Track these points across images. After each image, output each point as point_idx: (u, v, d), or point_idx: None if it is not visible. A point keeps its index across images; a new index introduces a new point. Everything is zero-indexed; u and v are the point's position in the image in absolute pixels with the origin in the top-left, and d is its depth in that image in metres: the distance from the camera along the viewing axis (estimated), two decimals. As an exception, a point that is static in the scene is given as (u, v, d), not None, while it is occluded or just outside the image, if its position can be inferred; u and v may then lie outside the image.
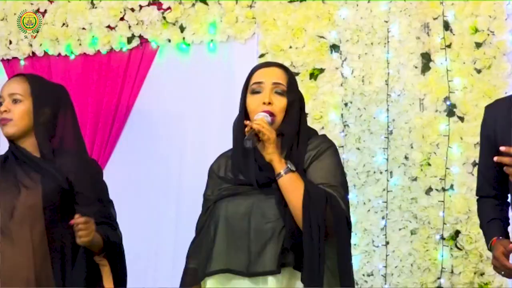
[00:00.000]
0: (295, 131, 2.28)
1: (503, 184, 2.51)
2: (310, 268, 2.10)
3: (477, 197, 2.71)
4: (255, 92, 2.29)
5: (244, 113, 2.32)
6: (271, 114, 2.25)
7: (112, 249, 2.65)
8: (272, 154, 2.18)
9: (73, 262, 2.57)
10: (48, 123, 2.66)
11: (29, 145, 2.64)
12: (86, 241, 2.43)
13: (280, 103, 2.26)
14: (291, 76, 2.34)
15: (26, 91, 2.64)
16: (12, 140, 2.64)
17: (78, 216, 2.40)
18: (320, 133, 3.58)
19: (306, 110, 3.61)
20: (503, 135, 2.40)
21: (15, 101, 2.63)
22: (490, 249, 2.51)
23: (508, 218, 2.62)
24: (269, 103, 2.25)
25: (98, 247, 2.56)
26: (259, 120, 2.20)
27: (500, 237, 2.45)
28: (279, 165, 2.18)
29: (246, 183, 2.24)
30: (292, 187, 2.15)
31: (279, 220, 2.16)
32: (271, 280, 2.14)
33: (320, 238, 2.10)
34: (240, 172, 2.28)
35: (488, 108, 2.58)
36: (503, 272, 2.38)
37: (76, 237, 2.42)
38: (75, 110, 2.77)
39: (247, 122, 2.20)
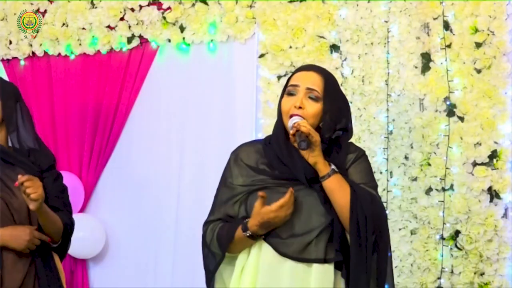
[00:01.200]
0: (327, 138, 2.28)
1: None
2: (357, 266, 2.16)
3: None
4: (290, 94, 2.30)
5: (280, 114, 2.33)
6: (301, 118, 2.25)
7: (68, 234, 2.67)
8: (317, 157, 2.21)
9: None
10: (13, 116, 2.71)
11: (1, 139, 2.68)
12: (38, 199, 2.39)
13: (312, 109, 2.26)
14: (328, 82, 2.32)
15: None
16: None
17: (21, 176, 2.38)
18: (320, 133, 3.62)
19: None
20: None
21: None
22: None
23: None
24: (300, 107, 2.26)
25: (57, 229, 2.59)
26: (304, 123, 2.21)
27: None
28: (324, 167, 2.21)
29: (290, 178, 2.25)
30: (338, 188, 2.20)
31: (325, 217, 2.21)
32: (315, 268, 2.18)
33: (368, 237, 2.17)
34: (283, 167, 2.27)
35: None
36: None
37: (28, 203, 2.40)
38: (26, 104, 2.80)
39: (295, 124, 2.20)
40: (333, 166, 2.22)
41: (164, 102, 4.02)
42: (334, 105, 2.30)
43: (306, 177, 2.22)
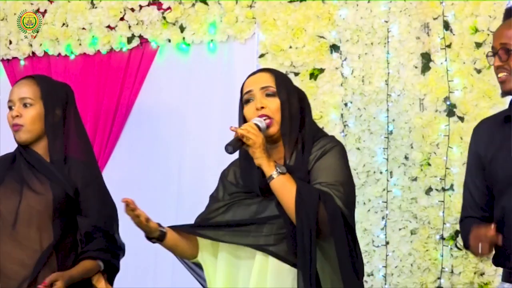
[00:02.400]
0: (294, 130, 2.27)
1: (490, 202, 2.37)
2: (303, 268, 2.11)
3: (460, 219, 2.49)
4: (248, 101, 2.31)
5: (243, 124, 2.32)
6: (267, 117, 2.25)
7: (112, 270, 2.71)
8: (260, 159, 2.19)
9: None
10: (58, 124, 2.66)
11: (40, 148, 2.63)
12: None
13: (272, 105, 2.27)
14: (279, 77, 2.33)
15: (36, 95, 2.63)
16: (25, 145, 2.63)
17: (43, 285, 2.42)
18: (320, 133, 3.62)
19: (306, 110, 3.63)
20: (488, 154, 2.34)
21: (26, 105, 2.61)
22: (466, 246, 2.40)
23: None
24: (262, 107, 2.27)
25: (93, 273, 2.63)
26: (247, 125, 2.21)
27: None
28: (268, 168, 2.19)
29: (252, 190, 2.27)
30: (283, 189, 2.17)
31: (279, 218, 2.20)
32: (272, 261, 2.18)
33: (311, 238, 2.10)
34: (245, 179, 2.31)
35: (474, 129, 2.49)
36: (481, 247, 2.21)
37: None
38: (77, 109, 2.78)
39: (232, 128, 2.21)
40: (277, 167, 2.19)
41: (164, 102, 4.02)
42: (290, 97, 2.29)
43: (260, 188, 2.22)
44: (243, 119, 2.33)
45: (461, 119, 3.45)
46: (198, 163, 3.91)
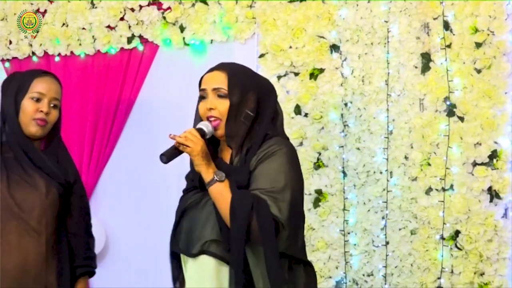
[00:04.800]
0: (239, 132, 2.28)
1: None
2: (233, 274, 2.16)
3: None
4: (202, 97, 2.34)
5: (199, 119, 2.37)
6: (216, 119, 2.28)
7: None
8: (199, 166, 2.25)
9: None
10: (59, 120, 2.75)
11: (39, 144, 2.67)
12: None
13: (222, 106, 2.28)
14: (233, 77, 2.32)
15: (60, 97, 2.69)
16: (28, 137, 2.65)
17: None
18: (320, 133, 3.62)
19: (306, 110, 3.63)
20: None
21: (54, 106, 2.65)
22: None
23: None
24: (211, 109, 2.29)
25: None
26: (187, 132, 2.26)
27: None
28: (207, 175, 2.24)
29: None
30: (218, 198, 2.21)
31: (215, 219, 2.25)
32: (207, 260, 2.23)
33: (239, 249, 2.14)
34: (194, 176, 2.38)
35: None
36: None
37: None
38: None
39: (171, 136, 2.27)
40: (217, 175, 2.21)
41: (164, 102, 4.02)
42: (243, 99, 2.29)
43: (202, 185, 2.28)
44: (198, 115, 2.38)
45: (461, 119, 3.45)
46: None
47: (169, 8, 3.95)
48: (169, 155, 2.23)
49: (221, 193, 2.20)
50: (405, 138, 3.53)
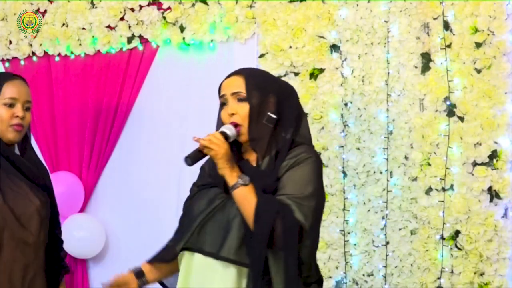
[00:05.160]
0: (264, 135, 2.26)
1: None
2: (253, 279, 2.14)
3: None
4: (223, 104, 2.33)
5: (220, 125, 2.35)
6: (236, 125, 2.26)
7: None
8: (222, 169, 2.22)
9: None
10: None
11: (16, 151, 2.62)
12: None
13: (242, 110, 2.26)
14: (250, 80, 2.30)
15: (31, 98, 2.63)
16: (6, 144, 2.58)
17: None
18: (320, 133, 3.62)
19: (306, 110, 3.63)
20: None
21: (27, 109, 2.60)
22: None
23: None
24: (232, 114, 2.27)
25: None
26: (211, 135, 2.24)
27: None
28: (231, 179, 2.21)
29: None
30: (243, 202, 2.18)
31: (240, 221, 2.22)
32: (220, 265, 2.20)
33: (261, 252, 2.13)
34: (214, 176, 2.32)
35: None
36: None
37: None
38: None
39: (195, 139, 2.24)
40: (241, 179, 2.19)
41: (164, 102, 4.02)
42: (262, 101, 2.28)
43: (225, 188, 2.24)
44: (220, 121, 2.35)
45: (461, 119, 3.45)
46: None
47: (169, 8, 3.95)
48: (193, 158, 2.21)
49: (246, 197, 2.18)
50: (405, 138, 3.53)
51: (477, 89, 3.42)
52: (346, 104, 3.63)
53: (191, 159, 2.22)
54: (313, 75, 3.67)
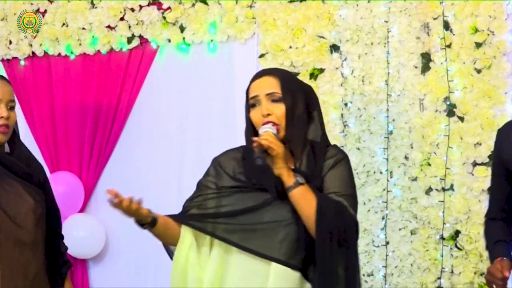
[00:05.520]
0: (300, 134, 2.27)
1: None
2: (322, 277, 2.14)
3: (485, 219, 2.67)
4: (254, 105, 2.30)
5: (251, 126, 2.32)
6: (274, 124, 2.24)
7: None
8: (281, 169, 2.19)
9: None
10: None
11: (3, 150, 2.59)
12: None
13: (278, 111, 2.25)
14: (284, 80, 2.30)
15: (14, 97, 2.60)
16: None
17: None
18: (320, 133, 3.62)
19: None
20: (509, 150, 2.41)
21: (11, 108, 2.57)
22: (487, 247, 2.55)
23: None
24: (268, 114, 2.25)
25: None
26: (267, 135, 2.18)
27: (504, 258, 2.45)
28: (288, 179, 2.19)
29: (264, 189, 2.26)
30: (303, 201, 2.18)
31: (293, 223, 2.20)
32: (275, 267, 2.18)
33: (332, 250, 2.14)
34: (257, 179, 2.27)
35: (499, 131, 2.57)
36: (494, 286, 2.41)
37: None
38: None
39: (255, 139, 2.18)
40: (298, 178, 2.19)
41: (164, 102, 4.02)
42: (295, 101, 2.28)
43: (277, 190, 2.21)
44: (250, 123, 2.32)
45: (461, 119, 3.45)
46: (198, 163, 3.89)
47: (169, 8, 3.95)
48: (263, 158, 2.17)
49: (305, 196, 2.17)
50: (405, 138, 3.53)
51: (477, 89, 3.42)
52: (346, 104, 3.63)
53: (262, 160, 2.16)
54: (313, 75, 3.67)
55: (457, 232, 3.42)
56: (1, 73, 4.25)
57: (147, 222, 2.43)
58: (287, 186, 2.19)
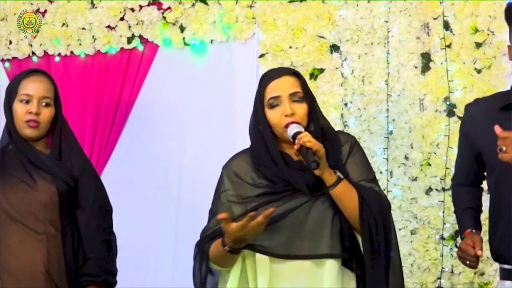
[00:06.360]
0: (320, 132, 2.29)
1: (479, 173, 2.61)
2: (373, 270, 2.17)
3: (451, 183, 2.80)
4: (273, 106, 2.27)
5: (267, 126, 2.28)
6: (297, 123, 2.24)
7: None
8: (323, 169, 2.19)
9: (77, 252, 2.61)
10: (59, 122, 2.70)
11: (40, 144, 2.65)
12: None
13: (301, 110, 2.26)
14: (303, 79, 2.34)
15: (53, 95, 2.65)
16: (26, 139, 2.63)
17: None
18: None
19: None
20: (479, 135, 2.45)
21: (46, 105, 2.62)
22: (462, 238, 2.57)
23: (480, 205, 2.69)
24: (292, 114, 2.24)
25: None
26: (308, 137, 2.16)
27: (473, 230, 2.52)
28: (330, 177, 2.20)
29: (295, 189, 2.25)
30: (346, 195, 2.20)
31: (334, 219, 2.22)
32: (329, 264, 2.20)
33: (379, 240, 2.18)
34: (284, 180, 2.26)
35: (467, 107, 2.62)
36: (468, 262, 2.44)
37: None
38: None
39: (302, 140, 2.15)
40: (338, 174, 2.21)
41: (164, 102, 4.02)
42: (314, 100, 2.34)
43: (308, 187, 2.21)
44: (267, 123, 2.29)
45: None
46: (198, 163, 3.91)
47: (169, 8, 3.95)
48: (316, 161, 2.15)
49: (348, 191, 2.20)
50: (405, 138, 3.53)
51: (477, 89, 3.42)
52: (346, 104, 3.63)
53: (316, 163, 2.14)
54: (313, 75, 3.67)
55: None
56: (1, 73, 4.27)
57: (241, 247, 2.23)
58: (329, 184, 2.20)
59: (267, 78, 2.34)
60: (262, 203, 2.23)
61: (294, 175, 2.23)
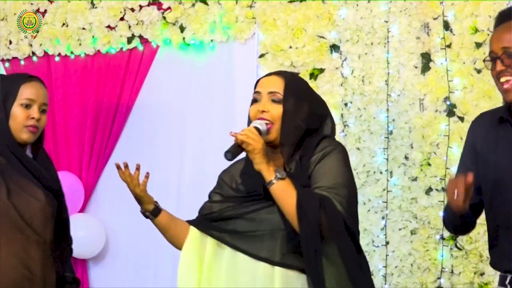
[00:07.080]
0: (293, 140, 2.25)
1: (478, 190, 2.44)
2: (311, 273, 2.12)
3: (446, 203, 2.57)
4: (255, 101, 2.30)
5: (248, 121, 2.31)
6: (268, 122, 2.24)
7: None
8: (259, 164, 2.17)
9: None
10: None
11: (26, 150, 2.63)
12: None
13: (276, 111, 2.25)
14: (290, 83, 2.30)
15: (48, 101, 2.65)
16: (19, 144, 2.60)
17: None
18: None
19: (306, 110, 3.63)
20: (483, 151, 2.34)
21: (43, 111, 2.61)
22: (445, 208, 2.44)
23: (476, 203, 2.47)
24: (263, 111, 2.25)
25: None
26: (247, 130, 2.19)
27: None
28: (268, 174, 2.17)
29: (254, 193, 2.26)
30: (283, 195, 2.15)
31: (288, 227, 2.19)
32: (278, 271, 2.18)
33: (316, 243, 2.10)
34: (246, 182, 2.29)
35: (476, 121, 2.51)
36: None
37: None
38: None
39: (232, 134, 2.19)
40: (277, 173, 2.16)
41: (164, 102, 4.03)
42: (297, 106, 2.27)
43: (266, 191, 2.20)
44: (248, 117, 2.32)
45: (461, 119, 3.45)
46: (198, 163, 3.91)
47: (169, 8, 3.95)
48: (233, 153, 2.16)
49: (285, 191, 2.14)
50: (405, 138, 3.53)
51: (477, 89, 3.42)
52: (346, 104, 3.63)
53: (231, 154, 2.16)
54: (313, 75, 3.67)
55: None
56: (1, 73, 4.27)
57: (149, 209, 2.49)
58: (267, 181, 2.16)
59: (259, 78, 2.37)
60: (231, 205, 2.29)
61: (255, 179, 2.23)
